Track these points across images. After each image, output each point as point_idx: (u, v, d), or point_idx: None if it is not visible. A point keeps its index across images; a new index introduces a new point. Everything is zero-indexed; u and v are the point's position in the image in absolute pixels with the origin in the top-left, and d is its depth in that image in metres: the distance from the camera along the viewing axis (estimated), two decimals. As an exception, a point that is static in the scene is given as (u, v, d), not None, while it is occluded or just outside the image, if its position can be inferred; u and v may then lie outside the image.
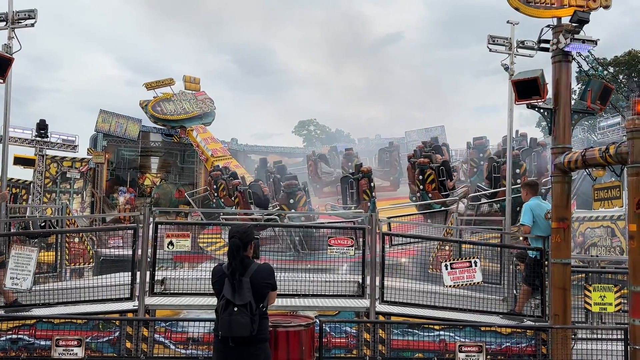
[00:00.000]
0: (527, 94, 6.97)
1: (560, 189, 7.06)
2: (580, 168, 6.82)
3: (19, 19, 8.72)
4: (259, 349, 4.37)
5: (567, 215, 7.04)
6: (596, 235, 21.29)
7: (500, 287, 8.70)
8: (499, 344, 7.05)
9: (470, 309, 7.70)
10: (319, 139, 63.28)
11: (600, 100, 7.09)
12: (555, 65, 7.17)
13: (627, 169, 5.82)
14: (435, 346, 7.06)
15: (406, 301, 7.51)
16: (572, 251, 7.28)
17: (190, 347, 6.98)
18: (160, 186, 32.62)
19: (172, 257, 10.89)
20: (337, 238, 7.55)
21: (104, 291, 7.38)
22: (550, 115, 7.16)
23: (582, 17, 6.80)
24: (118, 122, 31.49)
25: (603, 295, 7.21)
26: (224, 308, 4.28)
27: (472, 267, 7.32)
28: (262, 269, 4.47)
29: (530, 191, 8.06)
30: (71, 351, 5.81)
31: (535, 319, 7.52)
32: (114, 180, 31.56)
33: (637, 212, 5.66)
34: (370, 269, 7.42)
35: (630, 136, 5.72)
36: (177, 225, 8.92)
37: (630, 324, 5.79)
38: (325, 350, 6.49)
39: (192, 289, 7.66)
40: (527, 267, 7.74)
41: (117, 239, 15.45)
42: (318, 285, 7.71)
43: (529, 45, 9.76)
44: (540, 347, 7.12)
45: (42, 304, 7.30)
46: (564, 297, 6.89)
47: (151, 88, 34.43)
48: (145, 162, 33.29)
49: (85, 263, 10.71)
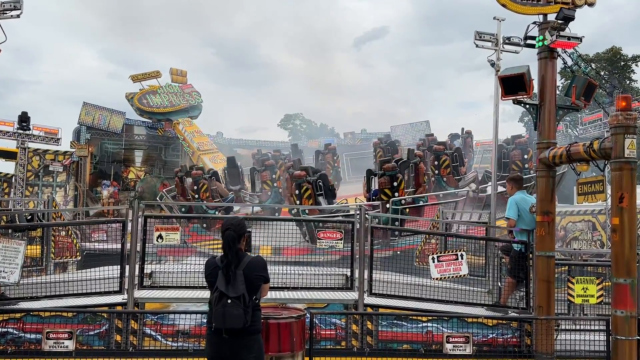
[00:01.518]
0: (514, 90, 7.07)
1: (544, 183, 7.20)
2: (565, 163, 6.95)
3: (4, 10, 8.60)
4: (252, 340, 4.41)
5: (551, 209, 7.17)
6: (577, 229, 21.68)
7: (486, 280, 8.84)
8: (484, 335, 7.19)
9: (457, 300, 7.83)
10: (305, 133, 63.24)
11: (585, 96, 7.21)
12: (541, 62, 7.29)
13: (611, 163, 5.96)
14: (422, 337, 7.17)
15: (394, 293, 7.61)
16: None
17: (179, 340, 6.99)
18: (145, 180, 32.40)
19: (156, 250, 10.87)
20: (326, 232, 7.61)
21: (93, 284, 7.35)
22: (535, 110, 7.28)
23: (568, 15, 6.92)
24: (101, 115, 31.21)
25: (585, 288, 7.37)
26: (217, 300, 4.31)
27: (459, 260, 7.44)
28: (255, 262, 4.51)
29: (515, 185, 8.19)
30: (62, 344, 5.80)
31: (519, 311, 7.66)
32: (98, 174, 31.28)
33: (619, 206, 5.81)
34: (358, 262, 7.50)
35: (614, 132, 5.85)
36: (166, 218, 8.91)
37: (612, 315, 5.95)
38: (315, 342, 6.56)
39: (180, 282, 7.67)
40: (511, 260, 7.87)
41: (101, 233, 15.33)
42: (307, 278, 7.77)
43: (515, 42, 9.86)
44: (525, 338, 7.27)
45: (30, 297, 7.25)
46: (548, 289, 7.03)
47: (137, 80, 34.16)
48: (129, 155, 33.04)
49: (71, 257, 10.62)
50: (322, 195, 17.34)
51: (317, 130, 66.18)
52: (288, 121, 70.77)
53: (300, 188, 16.84)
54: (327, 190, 17.70)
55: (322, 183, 17.52)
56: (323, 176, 17.99)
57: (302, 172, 17.18)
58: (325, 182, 17.67)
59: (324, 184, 17.59)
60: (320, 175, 17.84)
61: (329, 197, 17.78)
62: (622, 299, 5.81)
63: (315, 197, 17.04)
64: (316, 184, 17.31)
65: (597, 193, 6.54)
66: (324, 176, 18.08)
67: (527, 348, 7.19)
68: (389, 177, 15.67)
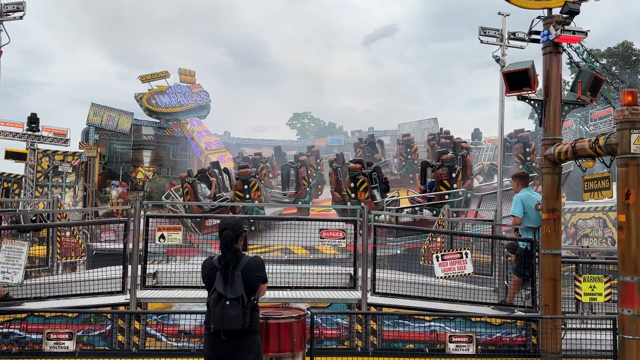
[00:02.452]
0: (518, 86, 6.97)
1: (550, 180, 7.09)
2: (571, 159, 6.85)
3: (7, 12, 8.63)
4: (250, 340, 4.38)
5: (557, 206, 7.07)
6: (588, 226, 21.43)
7: (491, 278, 8.75)
8: (489, 334, 7.10)
9: (462, 299, 7.75)
10: (313, 131, 63.26)
11: (591, 91, 7.10)
12: (546, 57, 7.18)
13: (617, 159, 5.84)
14: (426, 337, 7.10)
15: (398, 293, 7.54)
16: (564, 242, 7.33)
17: (182, 340, 6.98)
18: (153, 180, 32.51)
19: (164, 250, 10.89)
20: (328, 230, 7.56)
21: (96, 285, 7.36)
22: (540, 106, 7.17)
23: (573, 9, 6.79)
24: (110, 116, 31.34)
25: (593, 286, 7.25)
26: (215, 301, 4.29)
27: (463, 259, 7.35)
28: (253, 262, 4.48)
29: (520, 182, 8.09)
30: (62, 344, 5.80)
31: (525, 310, 7.56)
32: (106, 174, 31.40)
33: (626, 203, 5.70)
34: (361, 260, 7.43)
35: (620, 127, 5.74)
36: (168, 218, 8.90)
37: (619, 314, 5.84)
38: (318, 342, 6.52)
39: (183, 282, 7.65)
40: (517, 258, 7.77)
41: (110, 233, 15.40)
42: (310, 277, 7.72)
43: (520, 37, 9.75)
44: (531, 337, 7.18)
45: (34, 297, 7.26)
46: (554, 287, 6.94)
47: (146, 81, 34.35)
48: (138, 155, 33.14)
49: (77, 257, 10.66)
50: (376, 188, 17.37)
51: (325, 128, 66.18)
52: (296, 120, 70.83)
53: (356, 181, 16.69)
54: (381, 183, 17.82)
55: (377, 176, 17.59)
56: (377, 169, 18.10)
57: (357, 165, 17.09)
58: (379, 175, 17.75)
59: (378, 177, 17.65)
60: (374, 167, 17.95)
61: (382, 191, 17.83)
62: (629, 298, 5.70)
63: (370, 189, 16.96)
64: (371, 176, 17.30)
65: (604, 190, 6.43)
66: (378, 169, 18.18)
67: (533, 347, 7.10)
68: (448, 168, 15.76)
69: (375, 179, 17.26)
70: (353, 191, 16.59)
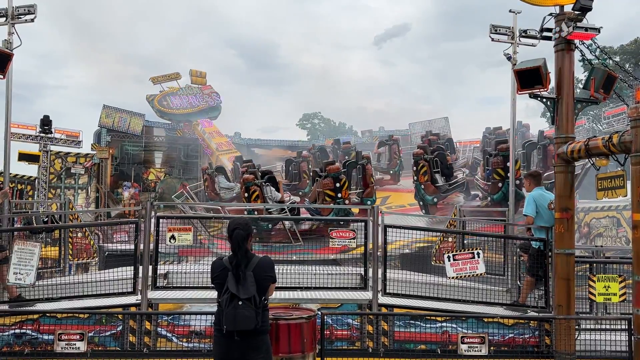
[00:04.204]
0: (530, 84, 6.89)
1: (563, 179, 7.00)
2: (584, 158, 6.75)
3: (18, 15, 8.70)
4: (260, 340, 4.38)
5: (570, 205, 6.97)
6: (602, 226, 21.21)
7: (504, 278, 8.66)
8: (502, 335, 7.04)
9: (474, 300, 7.67)
10: (323, 132, 63.23)
11: (604, 89, 7.01)
12: (558, 54, 7.08)
13: (631, 157, 5.75)
14: (438, 338, 7.04)
15: (409, 293, 7.49)
16: (577, 242, 7.25)
17: (193, 341, 6.99)
18: (165, 181, 32.68)
19: (177, 251, 10.94)
20: (338, 230, 7.53)
21: (107, 285, 7.40)
22: (553, 104, 7.08)
23: (585, 5, 6.70)
24: (121, 117, 31.50)
25: (607, 286, 7.16)
26: (228, 302, 4.28)
27: (475, 259, 7.29)
28: (263, 262, 4.48)
29: (533, 181, 8.01)
30: (73, 345, 5.83)
31: (538, 310, 7.48)
32: (118, 175, 31.57)
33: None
34: (372, 261, 7.40)
35: (634, 125, 5.65)
36: (179, 219, 8.92)
37: (634, 314, 5.75)
38: (328, 343, 6.49)
39: (194, 283, 7.66)
40: (530, 257, 7.69)
41: (122, 234, 15.50)
42: (321, 277, 7.70)
43: (531, 35, 9.62)
44: (544, 338, 7.10)
45: (46, 298, 7.32)
46: (567, 287, 6.84)
47: (157, 82, 34.56)
48: (149, 157, 33.28)
49: (89, 258, 10.74)
50: (438, 172, 18.06)
51: (336, 128, 66.10)
52: (307, 120, 70.85)
53: (418, 165, 17.87)
54: (445, 169, 18.44)
55: (440, 161, 18.27)
56: (440, 154, 18.64)
57: (420, 150, 18.15)
58: (442, 160, 18.35)
59: (442, 162, 18.31)
60: (437, 153, 18.47)
61: (446, 175, 18.54)
62: (644, 298, 5.61)
63: (431, 174, 17.86)
64: (433, 161, 18.01)
65: (618, 188, 6.34)
66: (441, 154, 18.72)
67: (546, 348, 7.02)
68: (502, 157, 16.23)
69: (436, 162, 18.08)
70: (415, 174, 17.99)
